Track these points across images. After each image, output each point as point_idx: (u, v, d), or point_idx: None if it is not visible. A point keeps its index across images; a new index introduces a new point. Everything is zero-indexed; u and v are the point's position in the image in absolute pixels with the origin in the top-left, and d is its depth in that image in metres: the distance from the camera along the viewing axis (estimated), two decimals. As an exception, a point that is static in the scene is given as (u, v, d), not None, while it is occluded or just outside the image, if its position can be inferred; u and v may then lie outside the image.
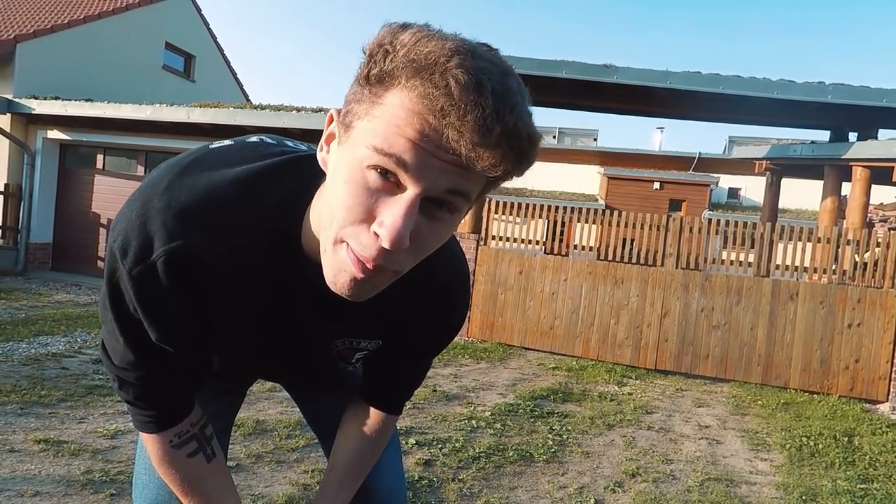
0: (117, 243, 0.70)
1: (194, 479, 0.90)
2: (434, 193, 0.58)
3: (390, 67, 0.56)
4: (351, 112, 0.60)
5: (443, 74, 0.53)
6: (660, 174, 19.74)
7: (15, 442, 2.92)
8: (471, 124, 0.53)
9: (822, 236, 6.57)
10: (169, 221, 0.68)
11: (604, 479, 3.22)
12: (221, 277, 0.73)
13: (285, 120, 8.00)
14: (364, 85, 0.58)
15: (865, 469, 3.74)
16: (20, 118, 9.18)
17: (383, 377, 1.01)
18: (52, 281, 8.82)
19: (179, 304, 0.73)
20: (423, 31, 0.56)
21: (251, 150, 0.79)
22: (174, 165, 0.75)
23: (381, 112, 0.57)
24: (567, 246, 7.66)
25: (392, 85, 0.56)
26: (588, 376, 5.81)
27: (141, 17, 11.57)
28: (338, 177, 0.61)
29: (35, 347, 4.79)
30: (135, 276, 0.70)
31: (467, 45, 0.55)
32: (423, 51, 0.54)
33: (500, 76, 0.55)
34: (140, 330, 0.75)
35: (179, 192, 0.70)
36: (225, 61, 14.48)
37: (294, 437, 3.33)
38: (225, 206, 0.71)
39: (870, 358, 5.87)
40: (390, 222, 0.57)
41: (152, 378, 0.81)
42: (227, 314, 0.78)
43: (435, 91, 0.54)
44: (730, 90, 6.89)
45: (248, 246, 0.72)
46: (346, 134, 0.61)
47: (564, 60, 6.99)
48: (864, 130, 7.80)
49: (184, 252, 0.69)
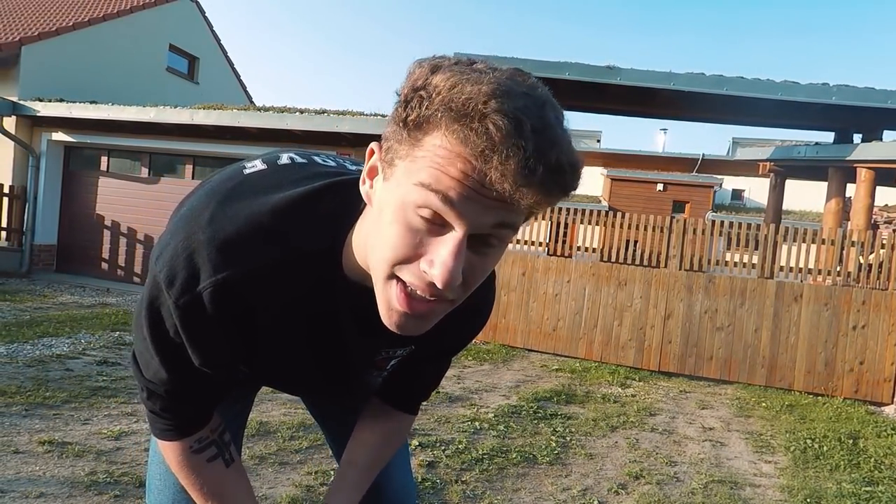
0: (163, 273, 0.72)
1: (213, 483, 0.90)
2: (481, 231, 0.60)
3: (428, 114, 0.57)
4: (392, 150, 0.62)
5: (482, 120, 0.54)
6: (663, 176, 19.73)
7: (20, 443, 2.92)
8: (513, 167, 0.54)
9: (827, 238, 6.55)
10: (213, 254, 0.71)
11: (607, 482, 3.22)
12: (266, 306, 0.75)
13: (288, 122, 8.02)
14: (403, 128, 0.59)
15: (870, 471, 3.72)
16: (25, 120, 9.22)
17: (405, 379, 1.03)
18: (57, 282, 8.84)
19: (223, 331, 0.75)
20: (455, 72, 0.57)
21: (286, 174, 0.80)
22: (213, 194, 0.76)
23: (423, 154, 0.58)
24: (570, 247, 7.65)
25: (431, 129, 0.57)
26: (591, 378, 5.80)
27: (145, 19, 11.61)
28: (384, 215, 0.63)
29: (39, 349, 4.81)
30: (181, 307, 0.72)
31: (503, 85, 0.55)
32: (460, 98, 0.55)
33: (537, 111, 0.56)
34: (176, 353, 0.77)
35: (222, 224, 0.72)
36: (228, 63, 14.52)
37: (297, 439, 3.33)
38: (267, 237, 0.72)
39: (874, 360, 5.85)
40: (440, 262, 0.59)
41: (181, 393, 0.84)
42: (272, 340, 0.80)
43: (475, 136, 0.54)
44: (733, 91, 6.88)
45: (291, 274, 0.74)
46: (389, 171, 0.63)
47: (568, 62, 6.99)
48: (868, 132, 7.78)
49: (229, 283, 0.71)
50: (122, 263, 9.45)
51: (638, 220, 6.96)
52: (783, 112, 7.69)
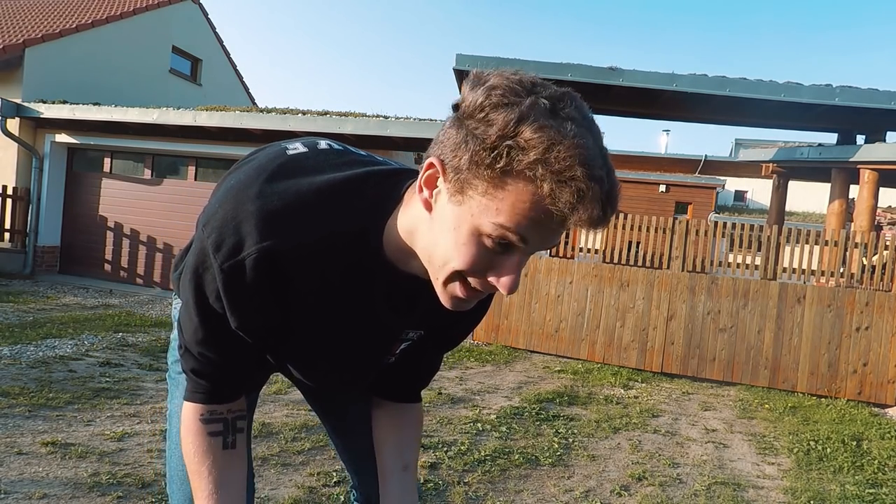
0: (211, 239, 0.78)
1: (205, 456, 0.92)
2: (536, 249, 0.72)
3: (519, 168, 0.65)
4: (463, 179, 0.69)
5: (575, 182, 0.63)
6: (666, 177, 19.69)
7: (23, 444, 2.93)
8: (594, 216, 0.65)
9: (830, 239, 6.54)
10: (259, 224, 0.76)
11: (610, 483, 3.21)
12: (304, 279, 0.82)
13: (291, 123, 8.03)
14: (486, 168, 0.66)
15: (874, 474, 3.71)
16: (29, 122, 9.24)
17: (408, 368, 1.09)
18: (60, 284, 8.86)
19: (261, 298, 0.81)
20: (544, 127, 0.64)
21: (326, 158, 0.87)
22: (261, 170, 0.82)
23: (505, 196, 0.67)
24: (573, 248, 7.65)
25: (519, 180, 0.65)
26: (594, 379, 5.79)
27: (148, 21, 11.64)
28: (452, 231, 0.72)
29: (43, 350, 4.82)
30: (225, 270, 0.78)
31: (586, 144, 0.64)
32: (557, 163, 0.63)
33: (606, 164, 0.67)
34: (214, 318, 0.84)
35: (270, 198, 0.78)
36: (231, 65, 14.55)
37: (300, 440, 3.34)
38: (310, 213, 0.79)
39: (878, 362, 5.83)
40: (507, 279, 0.72)
41: (213, 358, 0.89)
42: (307, 313, 0.87)
43: (567, 196, 0.64)
44: (736, 93, 6.87)
45: (330, 252, 0.81)
46: (460, 196, 0.70)
47: (570, 63, 6.99)
48: (871, 133, 7.77)
49: (272, 253, 0.77)
50: (125, 265, 9.47)
51: (640, 222, 6.95)
52: (786, 113, 7.67)
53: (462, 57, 6.88)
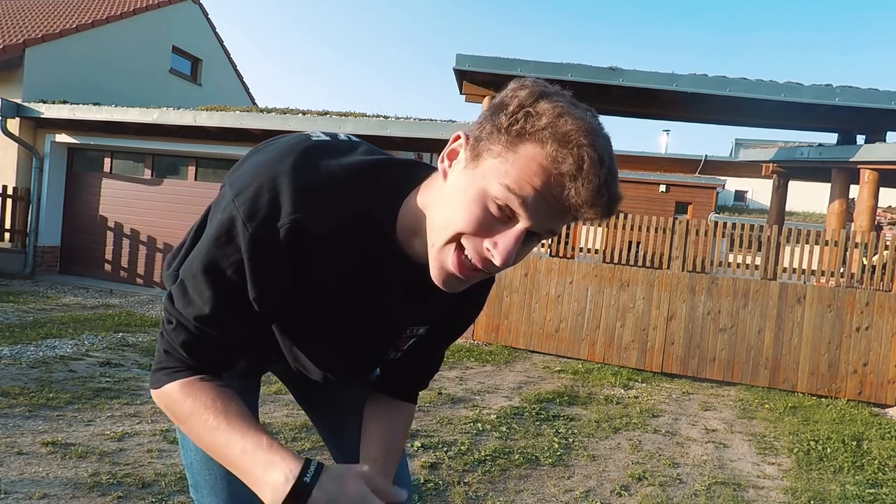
0: (243, 208, 0.79)
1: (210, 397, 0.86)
2: (536, 229, 0.75)
3: (532, 130, 0.71)
4: (482, 146, 0.75)
5: (578, 149, 0.69)
6: (666, 177, 19.68)
7: (23, 444, 2.93)
8: (590, 190, 0.69)
9: (830, 239, 6.54)
10: (294, 196, 0.79)
11: (610, 483, 3.21)
12: (325, 250, 0.83)
13: (291, 123, 8.02)
14: (503, 133, 0.73)
15: (874, 474, 3.71)
16: (29, 122, 9.25)
17: (409, 368, 1.11)
18: (60, 284, 8.87)
19: (284, 267, 0.83)
20: (560, 103, 0.72)
21: (348, 146, 0.91)
22: (291, 149, 0.84)
23: (516, 159, 0.72)
24: (573, 248, 7.65)
25: (530, 142, 0.71)
26: (594, 379, 5.79)
27: (148, 21, 11.64)
28: (461, 193, 0.76)
29: (43, 350, 4.82)
30: (256, 238, 0.79)
31: (594, 125, 0.72)
32: (564, 127, 0.69)
33: (610, 151, 0.72)
34: (227, 289, 0.82)
35: (304, 173, 0.81)
36: (231, 65, 14.55)
37: (300, 440, 3.34)
38: (340, 191, 0.83)
39: (878, 362, 5.83)
40: (503, 247, 0.75)
41: (212, 334, 0.85)
42: (322, 285, 0.88)
43: (570, 159, 0.69)
44: (737, 93, 6.86)
45: (352, 228, 0.84)
46: (475, 162, 0.76)
47: (570, 63, 6.98)
48: (872, 133, 7.76)
49: (304, 225, 0.80)
50: (125, 265, 9.47)
51: (640, 222, 6.95)
52: (786, 113, 7.66)
53: (462, 57, 6.87)
